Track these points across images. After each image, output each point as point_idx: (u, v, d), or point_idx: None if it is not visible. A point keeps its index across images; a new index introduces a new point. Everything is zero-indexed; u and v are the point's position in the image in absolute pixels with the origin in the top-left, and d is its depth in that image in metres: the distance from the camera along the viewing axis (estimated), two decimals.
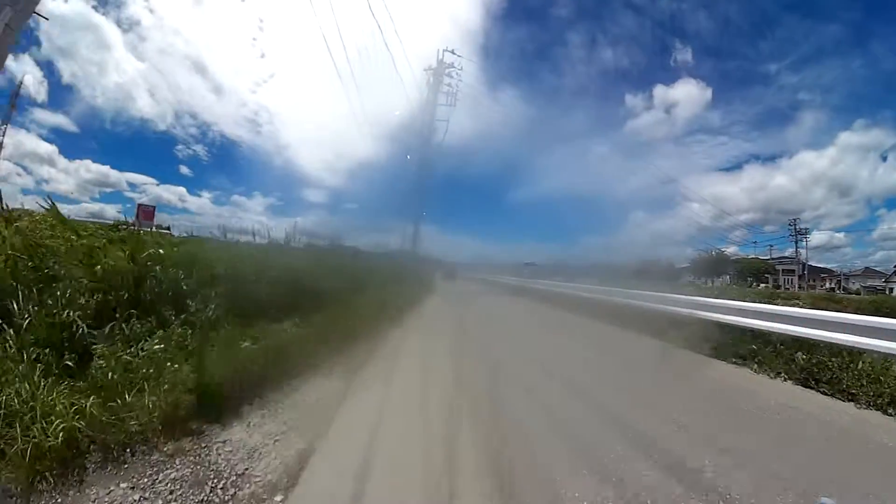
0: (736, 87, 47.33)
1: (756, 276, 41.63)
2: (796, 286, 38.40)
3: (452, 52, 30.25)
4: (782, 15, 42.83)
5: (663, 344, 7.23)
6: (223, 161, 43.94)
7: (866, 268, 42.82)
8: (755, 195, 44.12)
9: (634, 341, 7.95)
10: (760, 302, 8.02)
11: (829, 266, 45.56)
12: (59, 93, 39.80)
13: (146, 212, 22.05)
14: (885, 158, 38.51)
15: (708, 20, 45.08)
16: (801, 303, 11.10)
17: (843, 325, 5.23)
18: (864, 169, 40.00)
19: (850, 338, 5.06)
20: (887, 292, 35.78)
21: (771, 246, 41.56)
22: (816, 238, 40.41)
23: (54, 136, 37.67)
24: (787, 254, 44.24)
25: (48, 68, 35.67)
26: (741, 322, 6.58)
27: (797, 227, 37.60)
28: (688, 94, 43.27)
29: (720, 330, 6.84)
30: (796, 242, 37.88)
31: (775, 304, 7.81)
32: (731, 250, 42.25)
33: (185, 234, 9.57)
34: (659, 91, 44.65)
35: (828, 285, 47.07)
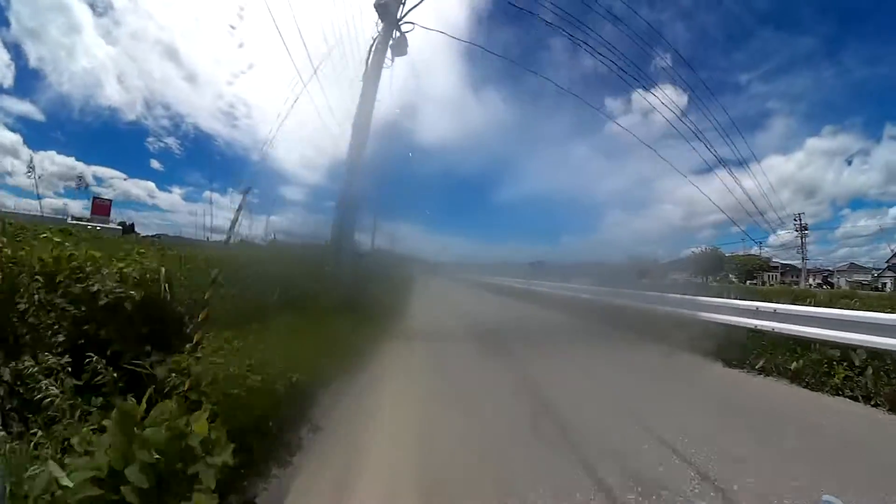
0: (708, 95, 49.03)
1: (748, 274, 41.61)
2: (804, 283, 38.34)
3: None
4: (755, 27, 43.74)
5: None
6: (197, 155, 40.69)
7: (851, 263, 43.61)
8: (726, 197, 45.04)
9: None
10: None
11: (791, 262, 47.18)
12: (26, 78, 35.51)
13: (101, 206, 18.62)
14: (850, 162, 40.41)
15: (685, 31, 45.77)
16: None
17: None
18: (830, 172, 41.96)
19: None
20: (881, 287, 36.15)
21: (760, 243, 41.49)
22: (782, 237, 41.75)
23: (19, 124, 33.54)
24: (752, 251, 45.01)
25: (16, 51, 31.83)
26: None
27: (802, 223, 37.30)
28: (662, 102, 43.33)
29: None
30: (801, 239, 37.72)
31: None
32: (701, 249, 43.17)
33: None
34: (635, 97, 44.59)
35: (812, 281, 47.86)
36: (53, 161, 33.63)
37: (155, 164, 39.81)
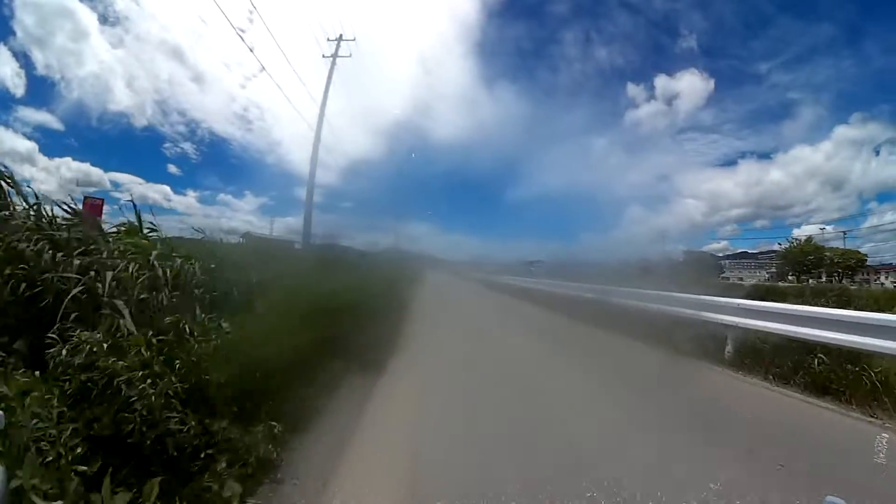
0: (728, 86, 47.11)
1: (848, 271, 37.09)
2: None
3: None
4: (775, 15, 40.73)
5: None
6: (213, 159, 40.37)
7: None
8: (750, 190, 42.22)
9: None
10: None
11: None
12: (38, 87, 36.09)
13: (93, 206, 14.03)
14: (877, 153, 36.80)
15: (702, 20, 43.05)
16: None
17: None
18: (858, 163, 38.52)
19: None
20: None
21: (844, 233, 37.24)
22: (807, 231, 39.44)
23: (34, 132, 34.77)
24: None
25: (25, 60, 32.67)
26: None
27: None
28: (682, 91, 40.53)
29: None
30: None
31: None
32: (723, 244, 41.45)
33: None
34: (649, 88, 41.91)
35: (882, 279, 43.63)
36: (69, 167, 34.33)
37: (172, 168, 39.75)
